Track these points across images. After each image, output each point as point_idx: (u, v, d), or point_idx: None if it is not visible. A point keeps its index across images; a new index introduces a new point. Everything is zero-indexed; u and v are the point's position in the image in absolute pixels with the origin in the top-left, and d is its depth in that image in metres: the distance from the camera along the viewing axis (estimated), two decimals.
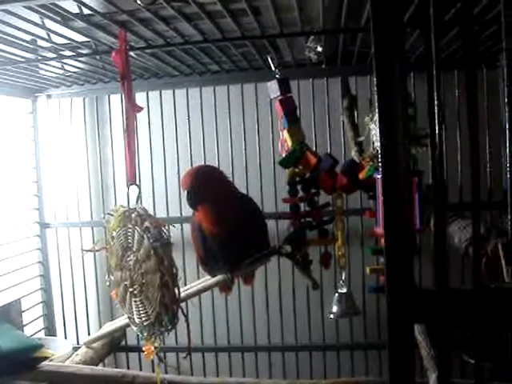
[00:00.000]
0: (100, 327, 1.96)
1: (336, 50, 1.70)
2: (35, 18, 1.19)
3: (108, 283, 1.39)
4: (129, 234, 1.27)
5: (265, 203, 1.91)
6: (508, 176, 0.80)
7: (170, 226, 1.75)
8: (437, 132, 0.73)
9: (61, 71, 1.77)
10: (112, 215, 1.32)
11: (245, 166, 1.96)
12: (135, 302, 1.29)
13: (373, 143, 1.38)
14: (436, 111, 0.72)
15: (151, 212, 1.27)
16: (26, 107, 2.11)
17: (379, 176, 1.23)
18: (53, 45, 1.42)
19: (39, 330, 2.06)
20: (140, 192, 1.32)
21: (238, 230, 1.46)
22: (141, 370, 1.96)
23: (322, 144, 1.89)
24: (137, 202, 1.30)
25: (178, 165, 1.98)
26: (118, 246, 1.31)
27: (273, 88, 1.46)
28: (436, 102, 0.72)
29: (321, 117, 1.92)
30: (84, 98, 2.10)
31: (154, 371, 1.65)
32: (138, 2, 1.13)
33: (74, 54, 1.51)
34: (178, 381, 1.58)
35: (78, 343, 2.02)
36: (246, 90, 1.97)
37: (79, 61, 1.62)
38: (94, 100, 2.09)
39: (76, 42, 1.41)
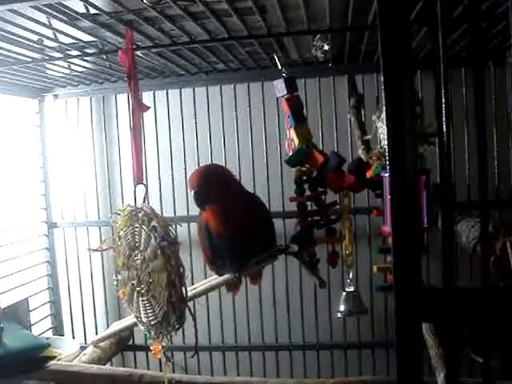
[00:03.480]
0: (107, 326, 1.96)
1: (343, 49, 1.69)
2: (42, 17, 1.19)
3: (115, 283, 1.39)
4: (136, 233, 1.27)
5: (272, 202, 1.90)
6: None
7: (177, 225, 1.76)
8: (444, 130, 0.72)
9: (67, 71, 1.78)
10: (119, 214, 1.32)
11: (252, 165, 1.96)
12: (142, 301, 1.29)
13: (380, 141, 1.38)
14: (443, 109, 0.72)
15: (158, 211, 1.27)
16: (33, 107, 2.11)
17: (386, 174, 1.23)
18: (59, 45, 1.42)
19: (47, 330, 2.06)
20: (147, 191, 1.32)
21: (245, 229, 1.45)
22: (148, 369, 1.95)
23: (329, 143, 1.89)
24: (144, 201, 1.30)
25: (185, 164, 1.99)
26: (125, 246, 1.31)
27: (279, 87, 1.46)
28: (443, 100, 0.72)
29: (328, 115, 1.92)
30: (91, 98, 2.10)
31: (161, 370, 1.65)
32: (144, 1, 1.13)
33: (80, 53, 1.51)
34: (186, 380, 1.58)
35: (85, 342, 2.02)
36: (253, 88, 1.97)
37: (86, 60, 1.62)
38: (101, 100, 2.10)
39: (83, 41, 1.41)
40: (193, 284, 1.56)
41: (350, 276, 1.50)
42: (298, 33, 1.46)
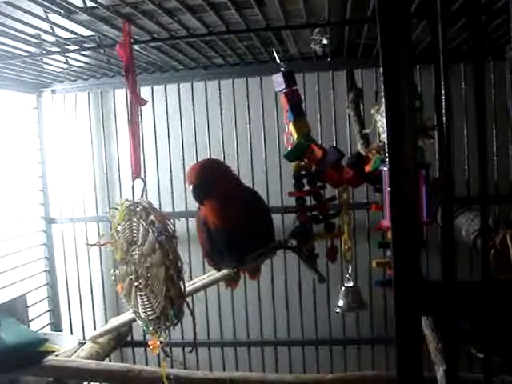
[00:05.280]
0: (106, 322, 1.96)
1: (341, 43, 1.69)
2: (39, 11, 1.19)
3: (113, 278, 1.38)
4: (134, 227, 1.27)
5: (270, 197, 1.90)
6: None
7: (176, 220, 1.75)
8: (444, 124, 0.72)
9: (65, 66, 1.77)
10: (117, 209, 1.31)
11: (250, 160, 1.96)
12: (140, 296, 1.29)
13: (379, 135, 1.38)
14: (443, 103, 0.72)
15: (156, 206, 1.26)
16: (30, 102, 2.10)
17: (386, 168, 1.23)
18: (57, 39, 1.42)
19: (45, 326, 2.06)
20: (145, 186, 1.31)
21: (243, 224, 1.45)
22: (147, 364, 1.95)
23: (328, 137, 1.88)
24: (142, 195, 1.29)
25: (183, 159, 1.98)
26: (123, 240, 1.31)
27: (278, 81, 1.46)
28: (443, 94, 0.72)
29: (326, 110, 1.91)
30: (89, 93, 2.09)
31: (159, 366, 1.65)
32: None
33: (78, 47, 1.50)
34: (184, 375, 1.58)
35: (83, 338, 2.02)
36: (251, 83, 1.96)
37: (84, 55, 1.61)
38: (99, 95, 2.09)
39: (80, 35, 1.40)
40: (191, 279, 1.56)
41: (349, 271, 1.50)
42: (296, 26, 1.45)
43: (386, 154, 0.70)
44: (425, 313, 0.76)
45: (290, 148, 1.47)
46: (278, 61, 1.52)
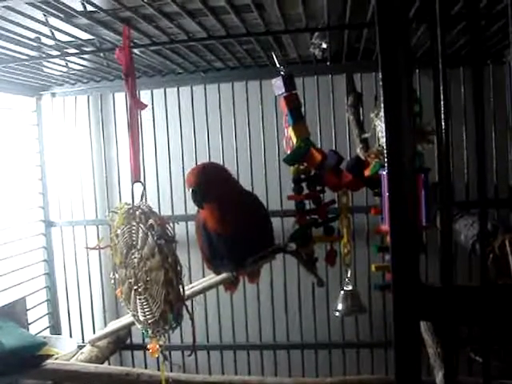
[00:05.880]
0: (105, 325, 1.96)
1: (341, 47, 1.69)
2: (39, 15, 1.19)
3: (113, 281, 1.38)
4: (133, 231, 1.27)
5: (270, 200, 1.90)
6: None
7: (175, 224, 1.75)
8: (443, 129, 0.72)
9: (65, 69, 1.77)
10: (116, 213, 1.31)
11: (249, 164, 1.96)
12: (140, 299, 1.29)
13: (378, 140, 1.38)
14: (442, 108, 0.72)
15: (156, 210, 1.26)
16: (30, 105, 2.10)
17: (385, 172, 1.23)
18: (57, 42, 1.42)
19: (44, 329, 2.06)
20: (144, 189, 1.31)
21: (242, 227, 1.45)
22: (146, 368, 1.95)
23: (328, 141, 1.88)
24: (141, 199, 1.29)
25: (183, 162, 1.98)
26: (123, 244, 1.30)
27: (277, 85, 1.46)
28: (442, 99, 0.72)
29: (326, 114, 1.91)
30: (88, 96, 2.09)
31: (159, 369, 1.65)
32: None
33: (77, 51, 1.50)
34: (183, 379, 1.58)
35: (83, 341, 2.02)
36: (251, 87, 1.96)
37: (83, 58, 1.62)
38: (99, 98, 2.09)
39: (80, 39, 1.40)
40: (190, 283, 1.56)
41: (349, 275, 1.50)
42: (296, 31, 1.45)
43: (385, 159, 0.70)
44: (423, 317, 0.75)
45: (289, 152, 1.47)
46: (278, 65, 1.52)
